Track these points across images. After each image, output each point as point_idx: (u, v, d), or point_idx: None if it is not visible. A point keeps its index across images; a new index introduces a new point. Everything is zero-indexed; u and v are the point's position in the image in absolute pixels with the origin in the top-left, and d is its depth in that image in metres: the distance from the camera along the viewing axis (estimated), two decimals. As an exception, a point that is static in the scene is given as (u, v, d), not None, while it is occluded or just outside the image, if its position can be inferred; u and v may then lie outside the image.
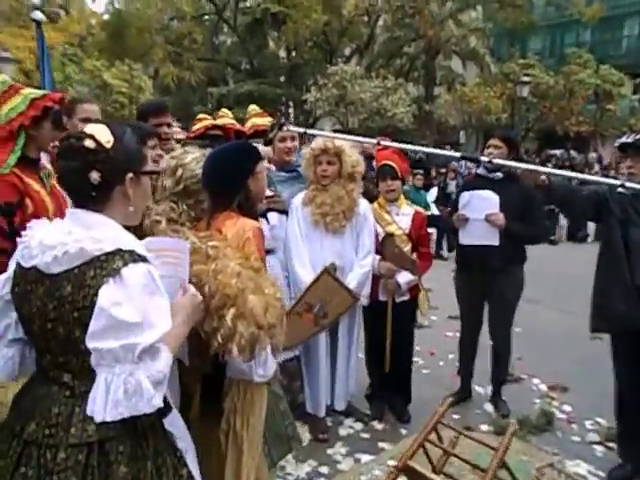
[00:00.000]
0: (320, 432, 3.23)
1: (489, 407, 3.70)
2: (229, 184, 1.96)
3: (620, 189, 2.63)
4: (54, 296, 1.30)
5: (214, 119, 3.29)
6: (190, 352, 1.73)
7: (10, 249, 2.05)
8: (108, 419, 1.23)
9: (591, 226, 10.63)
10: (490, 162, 2.47)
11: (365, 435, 3.32)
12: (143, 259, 1.32)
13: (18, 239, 1.40)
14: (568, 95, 17.53)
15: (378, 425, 3.43)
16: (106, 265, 1.27)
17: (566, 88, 17.50)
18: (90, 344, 1.24)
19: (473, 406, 3.73)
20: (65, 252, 1.28)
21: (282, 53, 25.83)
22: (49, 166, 2.48)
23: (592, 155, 16.07)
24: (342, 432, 3.33)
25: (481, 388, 3.95)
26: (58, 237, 1.32)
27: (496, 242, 3.35)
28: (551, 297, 6.38)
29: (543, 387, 4.06)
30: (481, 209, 3.35)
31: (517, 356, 4.40)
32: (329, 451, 3.12)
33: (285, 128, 2.44)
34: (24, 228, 2.09)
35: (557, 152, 18.49)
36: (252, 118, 3.59)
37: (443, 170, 12.05)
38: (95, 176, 1.32)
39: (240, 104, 22.11)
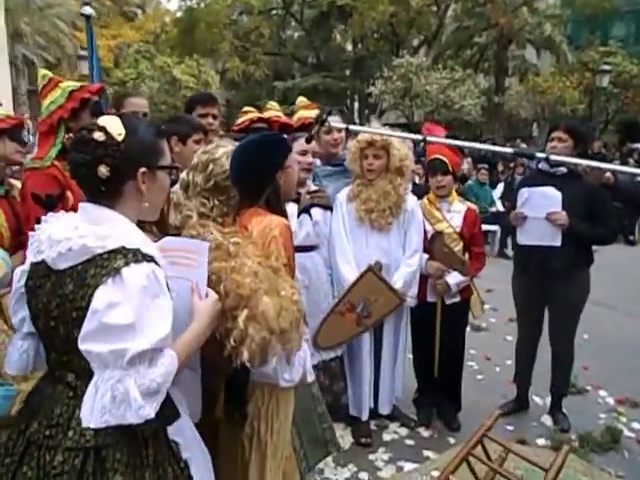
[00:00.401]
0: (362, 436, 3.12)
1: (548, 420, 3.44)
2: (257, 179, 1.88)
3: None
4: (57, 293, 1.26)
5: (259, 112, 3.24)
6: (214, 353, 1.66)
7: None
8: (93, 426, 1.18)
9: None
10: (547, 159, 2.24)
11: (410, 442, 3.17)
12: (148, 259, 1.25)
13: (30, 233, 1.38)
14: (653, 84, 16.27)
15: (425, 432, 3.27)
16: (107, 264, 1.21)
17: (651, 77, 16.25)
18: (81, 346, 1.20)
19: (530, 418, 3.48)
20: (69, 248, 1.24)
21: (348, 46, 25.65)
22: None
23: (679, 149, 14.84)
24: (386, 437, 3.20)
25: (540, 399, 3.69)
26: (65, 232, 1.27)
27: (558, 243, 3.10)
28: (624, 302, 5.91)
29: (610, 401, 3.74)
30: (542, 207, 3.11)
31: (583, 365, 4.09)
32: (371, 456, 3.00)
33: (327, 124, 2.34)
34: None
35: (639, 145, 17.26)
36: (300, 110, 3.51)
37: (511, 165, 11.52)
38: (104, 170, 1.27)
39: (306, 98, 22.26)
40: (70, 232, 1.27)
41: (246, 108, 3.25)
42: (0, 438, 1.59)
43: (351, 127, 2.50)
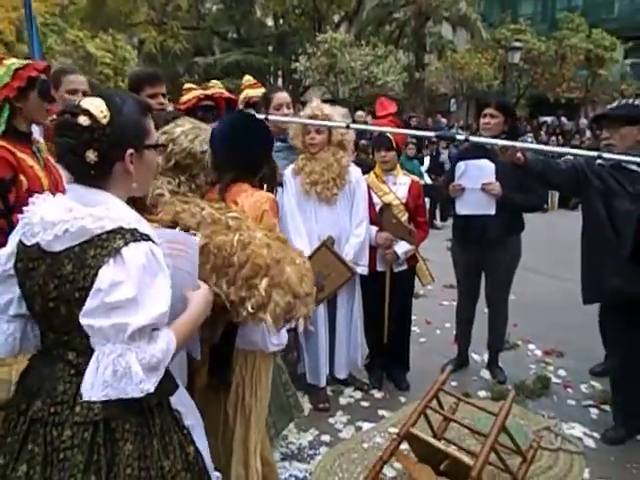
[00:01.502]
0: (321, 402, 3.26)
1: (486, 374, 3.75)
2: (257, 157, 1.99)
3: (599, 161, 2.63)
4: (55, 275, 1.27)
5: (202, 89, 3.20)
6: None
7: (6, 227, 2.03)
8: (94, 399, 1.22)
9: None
10: (467, 140, 2.43)
11: (365, 404, 3.36)
12: (145, 238, 1.28)
13: (19, 215, 1.36)
14: (560, 61, 17.34)
15: (377, 394, 3.47)
16: (107, 244, 1.23)
17: (558, 54, 17.30)
18: (83, 320, 1.22)
19: (470, 373, 3.79)
20: (66, 230, 1.25)
21: (269, 21, 25.25)
22: (41, 140, 2.43)
23: (583, 121, 16.05)
24: (342, 401, 3.37)
25: (478, 355, 4.00)
26: (59, 214, 1.27)
27: (492, 211, 3.33)
28: (544, 264, 6.43)
29: (538, 353, 4.13)
30: (477, 178, 3.32)
31: (512, 322, 4.46)
32: (330, 420, 3.16)
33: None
34: (19, 205, 2.06)
35: (548, 119, 18.46)
36: (245, 89, 3.50)
37: (435, 139, 11.98)
38: (92, 156, 1.27)
39: (228, 74, 21.73)
40: (65, 214, 1.26)
41: (187, 85, 3.19)
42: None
43: (271, 117, 2.58)
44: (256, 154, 2.00)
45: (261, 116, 2.53)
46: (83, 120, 1.27)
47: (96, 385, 1.21)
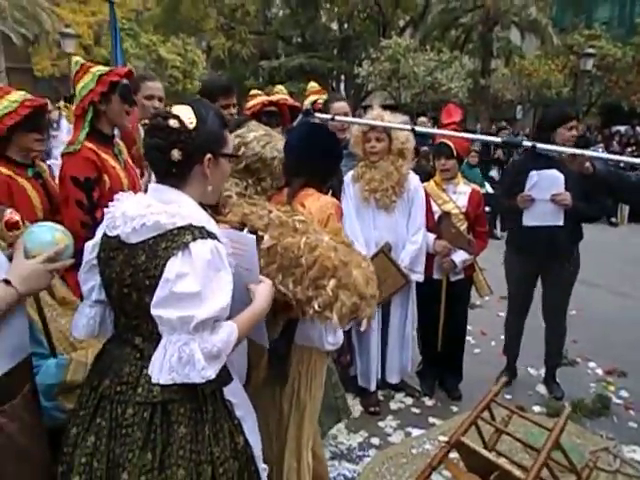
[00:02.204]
0: (371, 405, 3.30)
1: (542, 389, 3.67)
2: (330, 165, 2.14)
3: None
4: (130, 264, 1.39)
5: (267, 95, 3.33)
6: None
7: (90, 222, 2.21)
8: (161, 382, 1.33)
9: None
10: (534, 147, 2.39)
11: (416, 410, 3.37)
12: (212, 236, 1.38)
13: (105, 210, 1.50)
14: (637, 67, 16.52)
15: (429, 401, 3.48)
16: (177, 238, 1.34)
17: (635, 60, 16.49)
18: (154, 311, 1.33)
19: (525, 387, 3.71)
20: (143, 224, 1.37)
21: (334, 25, 25.46)
22: (121, 142, 2.61)
23: (659, 132, 15.21)
24: (393, 406, 3.40)
25: (534, 370, 3.93)
26: (138, 209, 1.40)
27: (561, 222, 3.28)
28: (610, 280, 6.19)
29: (599, 371, 3.99)
30: (548, 189, 3.26)
31: (572, 339, 4.34)
32: (380, 424, 3.20)
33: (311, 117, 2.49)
34: (102, 202, 2.24)
35: (621, 128, 17.57)
36: (311, 95, 3.60)
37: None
38: (176, 154, 1.39)
39: (292, 78, 22.11)
40: (143, 210, 1.40)
41: (253, 91, 3.32)
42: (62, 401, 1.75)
43: (337, 117, 2.64)
44: (327, 164, 2.14)
45: (328, 116, 2.61)
46: (173, 123, 1.39)
47: (164, 369, 1.32)
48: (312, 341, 2.03)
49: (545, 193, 3.26)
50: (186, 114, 1.42)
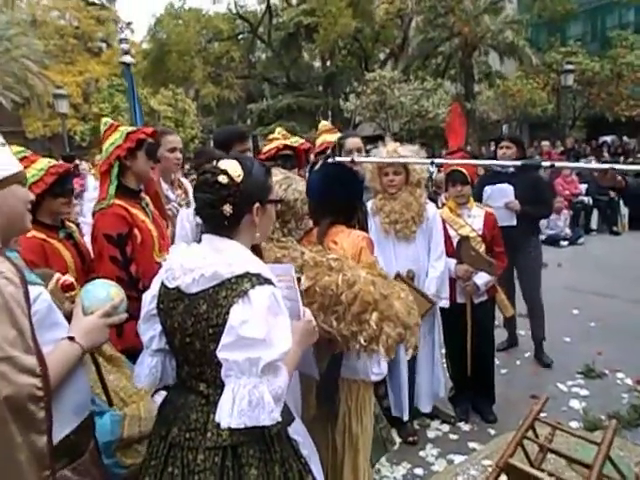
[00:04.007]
0: (409, 435, 3.28)
1: (576, 404, 3.66)
2: (354, 202, 2.22)
3: None
4: (192, 313, 1.43)
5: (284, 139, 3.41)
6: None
7: (126, 277, 2.24)
8: (233, 426, 1.33)
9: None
10: (552, 166, 2.52)
11: (453, 436, 3.35)
12: (268, 282, 1.42)
13: (163, 262, 1.55)
14: (616, 79, 16.95)
15: (465, 426, 3.46)
16: (236, 287, 1.38)
17: (613, 72, 16.91)
18: (220, 355, 1.36)
19: (559, 403, 3.69)
20: (202, 275, 1.42)
21: (317, 64, 26.15)
22: (146, 196, 2.68)
23: (647, 139, 15.49)
24: (430, 434, 3.38)
25: (564, 385, 3.92)
26: (196, 261, 1.45)
27: (514, 222, 4.13)
28: (620, 288, 6.21)
29: (629, 381, 3.97)
30: (500, 198, 4.17)
31: (596, 350, 4.36)
32: (421, 453, 3.17)
33: (331, 160, 2.58)
34: (135, 256, 2.29)
35: (608, 139, 17.91)
36: (322, 134, 3.70)
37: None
38: (228, 209, 1.45)
39: (281, 117, 22.59)
40: (201, 261, 1.45)
41: (272, 135, 3.42)
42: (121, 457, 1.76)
43: (357, 159, 2.74)
44: (350, 200, 2.22)
45: (347, 159, 2.69)
46: (222, 179, 1.45)
47: (234, 414, 1.33)
48: (358, 373, 2.06)
49: (499, 202, 4.13)
50: (233, 168, 1.48)
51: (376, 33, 22.98)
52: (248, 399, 1.32)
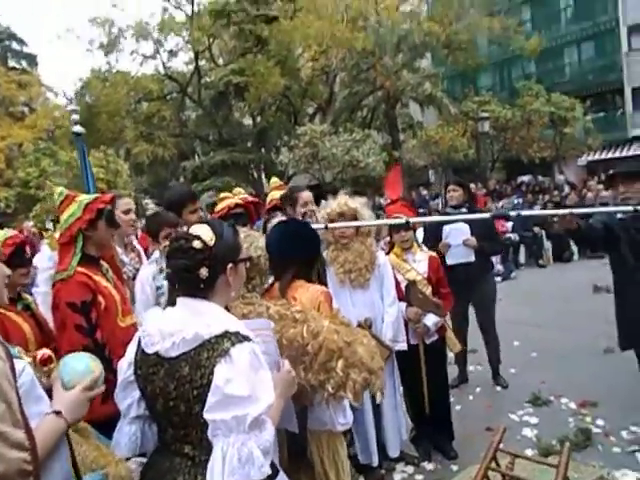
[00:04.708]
0: (377, 480, 3.32)
1: (528, 432, 3.83)
2: (314, 256, 2.32)
3: (619, 215, 2.96)
4: (174, 377, 1.47)
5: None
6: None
7: (92, 345, 2.23)
8: None
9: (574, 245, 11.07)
10: (519, 215, 2.75)
11: (419, 477, 3.42)
12: (247, 338, 1.49)
13: (140, 329, 1.58)
14: (527, 124, 18.46)
15: (429, 465, 3.54)
16: (217, 347, 1.44)
17: (523, 118, 18.45)
18: (207, 416, 1.40)
19: (513, 433, 3.84)
20: (183, 338, 1.46)
21: (248, 120, 26.70)
22: (104, 263, 2.68)
23: (560, 178, 16.82)
24: (397, 477, 3.43)
25: (515, 415, 4.10)
26: (175, 324, 1.50)
27: (472, 258, 4.47)
28: (552, 318, 6.61)
29: (572, 405, 4.21)
30: (458, 237, 4.47)
31: (540, 379, 4.61)
32: (389, 498, 3.21)
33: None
34: (99, 323, 2.28)
35: (525, 178, 19.32)
36: (272, 191, 3.83)
37: (423, 210, 12.51)
38: (204, 272, 1.52)
39: (215, 173, 22.70)
40: (180, 324, 1.50)
41: (222, 194, 3.52)
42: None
43: (330, 225, 2.90)
44: (310, 255, 2.31)
45: (319, 226, 2.83)
46: (197, 244, 1.53)
47: (225, 472, 1.36)
48: (325, 424, 2.12)
49: (457, 240, 4.46)
50: (206, 233, 1.56)
51: (304, 89, 23.91)
52: (238, 456, 1.36)
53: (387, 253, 3.67)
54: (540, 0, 24.48)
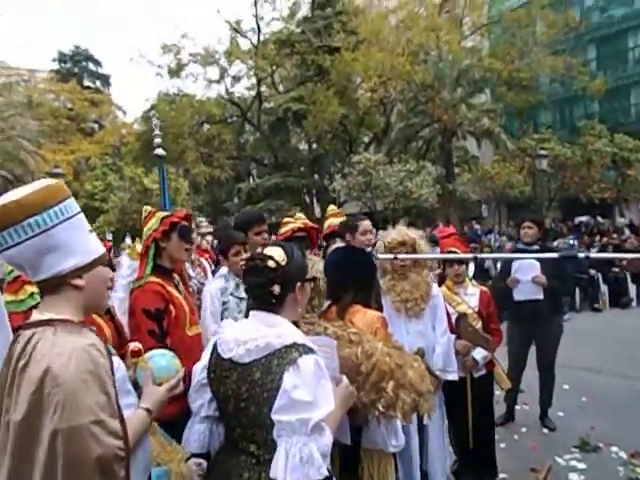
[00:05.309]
0: (418, 509, 3.33)
1: (575, 477, 3.76)
2: (369, 281, 2.44)
3: None
4: (246, 380, 1.63)
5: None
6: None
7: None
8: None
9: (634, 290, 10.69)
10: (587, 257, 2.73)
11: (461, 510, 3.42)
12: (312, 351, 1.64)
13: (216, 336, 1.75)
14: (587, 164, 18.04)
15: (470, 500, 3.54)
16: (286, 356, 1.60)
17: (584, 158, 18.04)
18: (274, 417, 1.55)
19: (559, 477, 3.77)
20: (256, 345, 1.63)
21: (303, 145, 27.32)
22: (176, 275, 2.89)
23: (620, 220, 16.29)
24: (438, 509, 3.44)
25: (561, 459, 4.03)
26: (249, 334, 1.67)
27: (541, 296, 4.43)
28: (608, 364, 6.43)
29: (623, 455, 4.10)
30: (528, 272, 4.44)
31: (589, 425, 4.51)
32: (431, 528, 3.23)
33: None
34: (170, 330, 2.48)
35: (583, 219, 18.77)
36: (330, 218, 3.98)
37: (475, 245, 12.37)
38: (276, 289, 1.69)
39: (269, 196, 23.30)
40: (254, 333, 1.66)
41: (286, 219, 3.70)
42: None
43: (400, 256, 3.01)
44: (369, 280, 2.43)
45: (390, 256, 2.96)
46: (271, 263, 1.70)
47: (288, 470, 1.51)
48: (377, 444, 2.21)
49: (527, 275, 4.44)
50: (278, 254, 1.74)
51: (360, 119, 24.31)
52: (299, 456, 1.50)
53: (438, 285, 3.74)
54: (607, 40, 24.03)
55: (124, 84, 54.04)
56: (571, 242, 11.40)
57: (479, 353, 3.52)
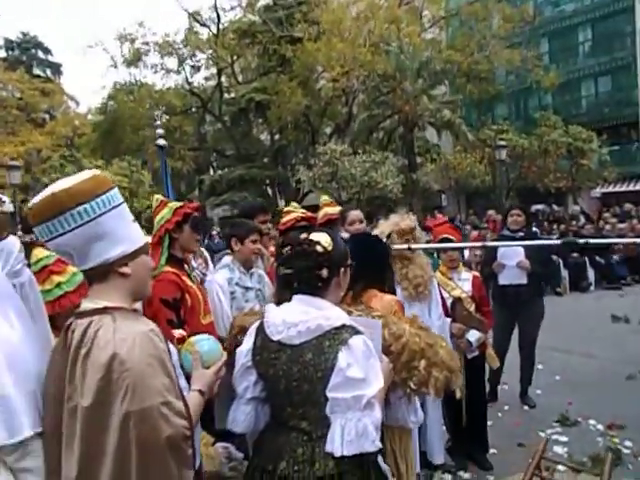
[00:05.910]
0: (417, 486, 3.47)
1: (559, 449, 3.98)
2: (385, 267, 2.46)
3: None
4: (297, 361, 1.68)
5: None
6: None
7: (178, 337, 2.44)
8: (345, 454, 1.58)
9: (592, 275, 11.22)
10: (587, 243, 2.88)
11: (458, 484, 3.59)
12: (359, 332, 1.71)
13: (262, 318, 1.80)
14: (544, 154, 18.73)
15: (465, 474, 3.70)
16: (337, 337, 1.66)
17: (540, 148, 18.72)
18: (329, 394, 1.62)
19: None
20: (307, 327, 1.69)
21: (265, 136, 27.16)
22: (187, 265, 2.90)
23: (575, 208, 17.01)
24: (436, 484, 3.59)
25: (544, 433, 4.25)
26: (298, 316, 1.72)
27: (525, 280, 4.70)
28: (575, 345, 6.77)
29: (600, 427, 4.36)
30: (512, 258, 4.69)
31: (567, 401, 4.77)
32: (432, 503, 3.37)
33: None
34: (186, 320, 2.50)
35: (539, 207, 19.49)
36: (324, 208, 4.03)
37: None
38: (325, 273, 1.75)
39: (232, 188, 23.09)
40: (304, 316, 1.71)
41: (287, 208, 3.72)
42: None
43: (413, 246, 3.09)
44: (383, 266, 2.51)
45: (404, 246, 3.03)
46: (319, 248, 1.76)
47: (344, 443, 1.59)
48: (398, 421, 2.30)
49: (512, 261, 4.68)
50: (325, 239, 1.79)
51: (323, 109, 24.35)
52: (355, 430, 1.58)
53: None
54: (559, 34, 24.92)
55: (76, 73, 52.17)
56: (534, 230, 11.83)
57: (473, 335, 3.67)
